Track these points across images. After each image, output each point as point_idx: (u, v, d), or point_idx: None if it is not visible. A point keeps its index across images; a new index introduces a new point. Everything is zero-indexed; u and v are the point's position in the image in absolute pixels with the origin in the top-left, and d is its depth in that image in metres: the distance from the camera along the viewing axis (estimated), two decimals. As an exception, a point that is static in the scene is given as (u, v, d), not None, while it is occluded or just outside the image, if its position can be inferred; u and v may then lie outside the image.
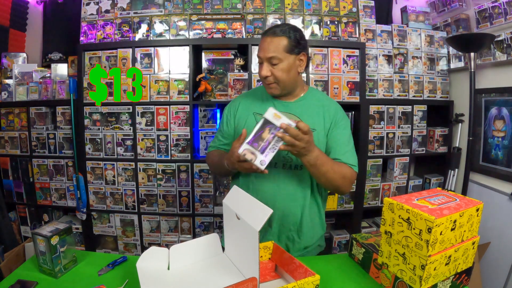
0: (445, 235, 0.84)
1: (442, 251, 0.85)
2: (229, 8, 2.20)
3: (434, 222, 0.80)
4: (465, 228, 0.90)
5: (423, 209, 0.85)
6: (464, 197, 0.95)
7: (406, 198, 0.93)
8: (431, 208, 0.86)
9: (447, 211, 0.85)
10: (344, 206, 2.30)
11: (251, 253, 0.87)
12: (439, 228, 0.81)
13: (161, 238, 2.30)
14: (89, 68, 2.20)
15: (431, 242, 0.82)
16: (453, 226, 0.85)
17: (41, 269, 1.05)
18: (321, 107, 1.25)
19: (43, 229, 1.04)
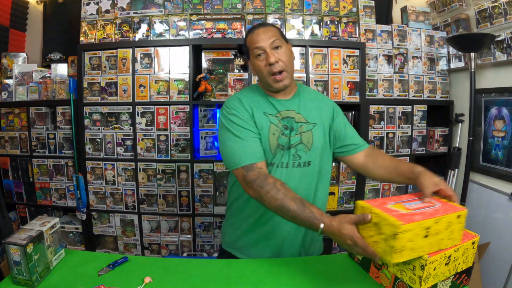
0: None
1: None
2: (229, 8, 2.20)
3: (399, 228, 0.75)
4: (442, 236, 0.83)
5: (393, 213, 0.80)
6: (447, 203, 0.90)
7: (381, 202, 0.89)
8: (402, 213, 0.81)
9: (419, 216, 0.79)
10: (344, 206, 2.30)
11: None
12: (407, 235, 0.76)
13: (161, 238, 2.30)
14: (89, 68, 2.20)
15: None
16: (426, 233, 0.80)
17: (15, 281, 0.98)
18: (316, 102, 1.24)
19: (14, 238, 0.96)
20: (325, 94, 2.18)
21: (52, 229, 1.08)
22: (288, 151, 1.14)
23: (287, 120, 1.16)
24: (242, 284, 1.02)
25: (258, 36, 1.12)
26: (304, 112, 1.19)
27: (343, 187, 2.27)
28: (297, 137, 1.15)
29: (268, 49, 1.11)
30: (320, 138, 1.19)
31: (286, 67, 1.13)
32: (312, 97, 1.25)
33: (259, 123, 1.13)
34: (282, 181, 1.03)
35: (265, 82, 1.16)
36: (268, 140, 1.13)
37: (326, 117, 1.22)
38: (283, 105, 1.18)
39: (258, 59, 1.13)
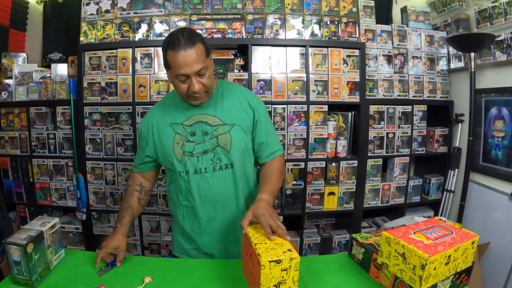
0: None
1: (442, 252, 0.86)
2: (229, 8, 2.20)
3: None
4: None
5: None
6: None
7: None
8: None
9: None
10: (344, 206, 2.30)
11: None
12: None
13: (161, 238, 2.30)
14: (89, 68, 2.20)
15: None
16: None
17: (15, 281, 0.99)
18: (236, 100, 1.22)
19: (14, 238, 0.97)
20: (325, 94, 2.18)
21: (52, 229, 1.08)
22: (205, 156, 1.16)
23: (197, 125, 1.17)
24: (242, 284, 1.02)
25: (183, 60, 1.04)
26: (221, 114, 1.18)
27: (343, 187, 2.27)
28: (213, 141, 1.16)
29: (192, 76, 1.07)
30: (240, 138, 1.18)
31: (208, 89, 1.13)
32: (233, 95, 1.23)
33: (164, 136, 1.20)
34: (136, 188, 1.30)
35: (183, 99, 1.17)
36: (173, 150, 1.17)
37: (247, 116, 1.21)
38: (197, 110, 1.19)
39: (180, 80, 1.09)
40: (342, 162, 2.26)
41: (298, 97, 2.15)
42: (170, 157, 1.18)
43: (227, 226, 1.23)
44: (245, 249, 1.02)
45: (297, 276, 0.88)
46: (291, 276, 0.87)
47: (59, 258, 1.13)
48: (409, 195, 2.43)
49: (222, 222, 1.23)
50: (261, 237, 0.96)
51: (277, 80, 2.14)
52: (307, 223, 2.54)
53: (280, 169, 1.24)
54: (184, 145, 1.16)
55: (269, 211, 1.01)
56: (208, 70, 1.10)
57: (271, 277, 0.86)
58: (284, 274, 0.86)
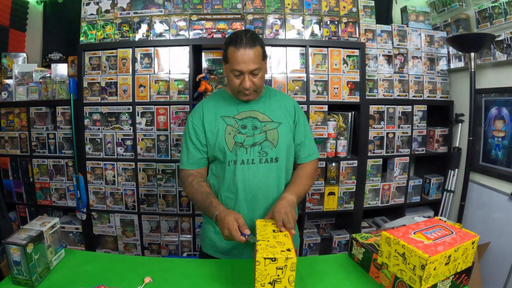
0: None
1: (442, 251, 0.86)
2: (229, 8, 2.20)
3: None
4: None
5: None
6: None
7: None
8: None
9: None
10: (344, 206, 2.30)
11: None
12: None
13: (161, 238, 2.30)
14: (89, 68, 2.20)
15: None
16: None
17: (15, 281, 0.99)
18: (282, 102, 1.32)
19: (14, 238, 0.97)
20: (325, 94, 2.18)
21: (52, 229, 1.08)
22: (253, 148, 1.23)
23: (247, 120, 1.26)
24: (243, 284, 1.02)
25: (241, 57, 1.14)
26: (269, 112, 1.28)
27: (343, 187, 2.27)
28: (262, 135, 1.24)
29: (246, 74, 1.16)
30: (286, 136, 1.27)
31: (257, 88, 1.22)
32: (279, 98, 1.34)
33: (214, 128, 1.25)
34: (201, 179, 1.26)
35: (233, 93, 1.27)
36: (224, 140, 1.23)
37: (290, 118, 1.31)
38: (248, 107, 1.28)
39: (234, 75, 1.18)
40: (342, 162, 2.26)
41: (298, 97, 2.15)
42: (222, 146, 1.23)
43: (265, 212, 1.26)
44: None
45: (293, 277, 0.88)
46: (286, 275, 0.87)
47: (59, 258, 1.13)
48: (409, 195, 2.43)
49: (262, 213, 1.25)
50: (267, 235, 0.97)
51: (277, 80, 2.14)
52: (307, 223, 2.55)
53: (312, 175, 1.33)
54: (236, 136, 1.23)
55: (286, 208, 1.07)
56: (261, 71, 1.20)
57: (266, 273, 0.86)
58: (279, 273, 0.86)
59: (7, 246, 0.96)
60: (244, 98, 1.24)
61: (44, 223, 1.07)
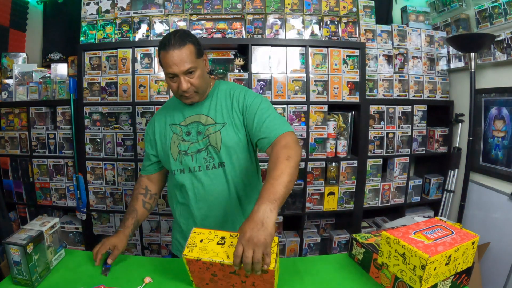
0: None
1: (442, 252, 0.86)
2: (229, 8, 2.20)
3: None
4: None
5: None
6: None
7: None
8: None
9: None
10: (344, 206, 2.30)
11: None
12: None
13: (161, 238, 2.30)
14: (89, 68, 2.20)
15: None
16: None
17: (15, 281, 0.99)
18: (229, 98, 1.22)
19: (14, 238, 0.97)
20: (325, 94, 2.18)
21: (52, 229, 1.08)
22: (198, 155, 1.19)
23: (192, 125, 1.21)
24: (242, 284, 1.02)
25: (171, 59, 1.08)
26: (213, 113, 1.21)
27: (343, 187, 2.27)
28: (205, 140, 1.19)
29: (181, 75, 1.10)
30: (231, 137, 1.18)
31: (198, 89, 1.15)
32: (227, 95, 1.23)
33: (164, 137, 1.25)
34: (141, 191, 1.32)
35: (177, 98, 1.21)
36: (169, 149, 1.22)
37: (238, 114, 1.20)
38: (193, 111, 1.23)
39: (170, 79, 1.14)
40: (342, 162, 2.26)
41: (298, 97, 2.15)
42: (167, 156, 1.23)
43: (221, 224, 1.24)
44: None
45: None
46: None
47: (59, 258, 1.13)
48: (409, 195, 2.43)
49: (216, 220, 1.24)
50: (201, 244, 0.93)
51: (277, 80, 2.14)
52: (307, 223, 2.54)
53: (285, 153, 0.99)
54: (180, 144, 1.21)
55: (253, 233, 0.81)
56: (198, 70, 1.13)
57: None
58: None
59: (7, 246, 0.96)
60: (187, 102, 1.18)
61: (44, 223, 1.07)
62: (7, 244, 0.96)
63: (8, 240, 0.96)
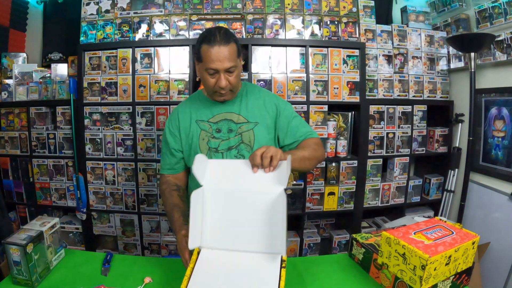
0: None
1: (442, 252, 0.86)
2: (229, 8, 2.20)
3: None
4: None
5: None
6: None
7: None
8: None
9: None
10: (344, 206, 2.30)
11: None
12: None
13: (161, 238, 2.30)
14: (89, 68, 2.20)
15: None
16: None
17: (15, 281, 0.99)
18: (260, 100, 1.27)
19: (14, 238, 0.97)
20: (325, 94, 2.18)
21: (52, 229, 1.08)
22: (229, 153, 1.19)
23: (222, 123, 1.22)
24: (242, 284, 1.02)
25: (216, 55, 1.09)
26: (245, 113, 1.23)
27: (343, 187, 2.27)
28: (237, 138, 1.20)
29: (222, 72, 1.11)
30: (263, 136, 1.22)
31: (234, 88, 1.18)
32: (256, 96, 1.28)
33: (189, 133, 1.23)
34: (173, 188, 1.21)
35: (209, 94, 1.22)
36: (198, 146, 1.21)
37: (270, 115, 1.25)
38: (223, 108, 1.23)
39: (208, 73, 1.13)
40: (342, 162, 2.26)
41: (298, 97, 2.15)
42: (195, 153, 1.18)
43: None
44: None
45: None
46: None
47: (59, 258, 1.13)
48: (409, 195, 2.43)
49: None
50: None
51: (277, 80, 2.14)
52: (307, 223, 2.54)
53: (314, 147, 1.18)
54: (210, 141, 1.20)
55: (269, 147, 0.95)
56: (237, 69, 1.15)
57: None
58: None
59: (7, 246, 0.96)
60: (220, 99, 1.20)
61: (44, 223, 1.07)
62: (7, 244, 0.96)
63: (8, 240, 0.96)
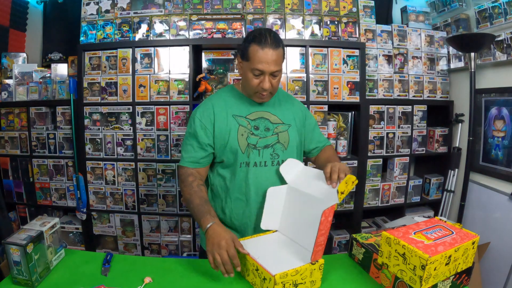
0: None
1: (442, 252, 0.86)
2: (229, 8, 2.20)
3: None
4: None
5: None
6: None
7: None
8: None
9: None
10: (344, 206, 2.30)
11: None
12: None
13: (161, 238, 2.30)
14: (89, 68, 2.20)
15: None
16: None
17: (15, 281, 0.98)
18: (290, 104, 1.34)
19: (14, 238, 0.97)
20: (325, 94, 2.18)
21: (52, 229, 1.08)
22: (265, 150, 1.22)
23: (260, 120, 1.24)
24: (243, 283, 1.02)
25: (265, 57, 1.11)
26: (279, 114, 1.28)
27: (343, 187, 2.27)
28: (274, 137, 1.24)
29: (267, 75, 1.14)
30: (295, 138, 1.28)
31: (274, 91, 1.21)
32: (287, 101, 1.35)
33: (226, 127, 1.20)
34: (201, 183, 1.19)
35: (248, 92, 1.23)
36: (237, 141, 1.20)
37: (299, 119, 1.32)
38: (259, 107, 1.26)
39: (253, 74, 1.14)
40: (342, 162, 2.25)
41: (298, 97, 2.15)
42: (234, 147, 1.20)
43: None
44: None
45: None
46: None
47: (59, 258, 1.13)
48: (409, 195, 2.43)
49: None
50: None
51: (277, 80, 2.14)
52: (307, 223, 2.54)
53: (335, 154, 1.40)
54: (249, 137, 1.21)
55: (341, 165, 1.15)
56: (280, 74, 1.19)
57: None
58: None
59: (7, 246, 0.96)
60: (259, 100, 1.23)
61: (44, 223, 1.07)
62: (7, 244, 0.96)
63: (8, 240, 0.96)
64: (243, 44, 1.17)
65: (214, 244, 0.98)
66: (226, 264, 0.95)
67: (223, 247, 0.96)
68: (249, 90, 1.21)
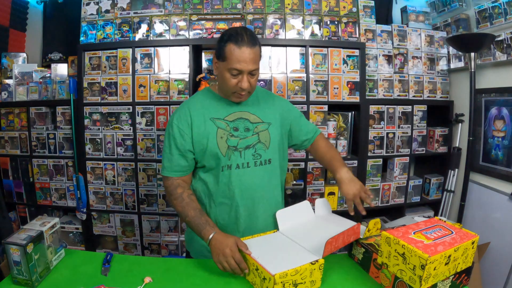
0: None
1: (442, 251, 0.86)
2: (229, 8, 2.20)
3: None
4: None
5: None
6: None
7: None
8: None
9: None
10: (344, 206, 2.30)
11: None
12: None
13: (161, 238, 2.30)
14: (89, 68, 2.20)
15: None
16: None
17: (15, 281, 0.98)
18: (270, 101, 1.31)
19: (14, 238, 0.97)
20: (325, 94, 2.18)
21: (52, 229, 1.08)
22: (247, 151, 1.20)
23: (239, 121, 1.21)
24: (243, 283, 1.02)
25: (243, 56, 1.08)
26: (259, 112, 1.25)
27: (343, 187, 2.27)
28: (254, 137, 1.21)
29: (245, 74, 1.12)
30: (276, 136, 1.25)
31: (252, 90, 1.19)
32: (266, 98, 1.32)
33: (204, 132, 1.18)
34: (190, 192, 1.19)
35: (226, 93, 1.21)
36: (216, 144, 1.17)
37: (281, 115, 1.29)
38: (238, 107, 1.24)
39: (231, 74, 1.12)
40: (342, 162, 2.26)
41: (298, 97, 2.15)
42: (214, 151, 1.17)
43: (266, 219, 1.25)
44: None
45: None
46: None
47: (59, 258, 1.13)
48: (409, 195, 2.43)
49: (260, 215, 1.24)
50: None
51: (277, 80, 2.14)
52: (307, 223, 2.54)
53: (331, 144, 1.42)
54: (229, 139, 1.18)
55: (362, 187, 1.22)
56: (258, 73, 1.17)
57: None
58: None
59: (7, 246, 0.96)
60: (237, 100, 1.20)
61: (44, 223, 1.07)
62: (7, 244, 0.96)
63: (8, 240, 0.96)
64: (218, 44, 1.14)
65: (220, 254, 1.01)
66: (235, 269, 1.00)
67: (228, 254, 1.00)
68: (226, 91, 1.18)
